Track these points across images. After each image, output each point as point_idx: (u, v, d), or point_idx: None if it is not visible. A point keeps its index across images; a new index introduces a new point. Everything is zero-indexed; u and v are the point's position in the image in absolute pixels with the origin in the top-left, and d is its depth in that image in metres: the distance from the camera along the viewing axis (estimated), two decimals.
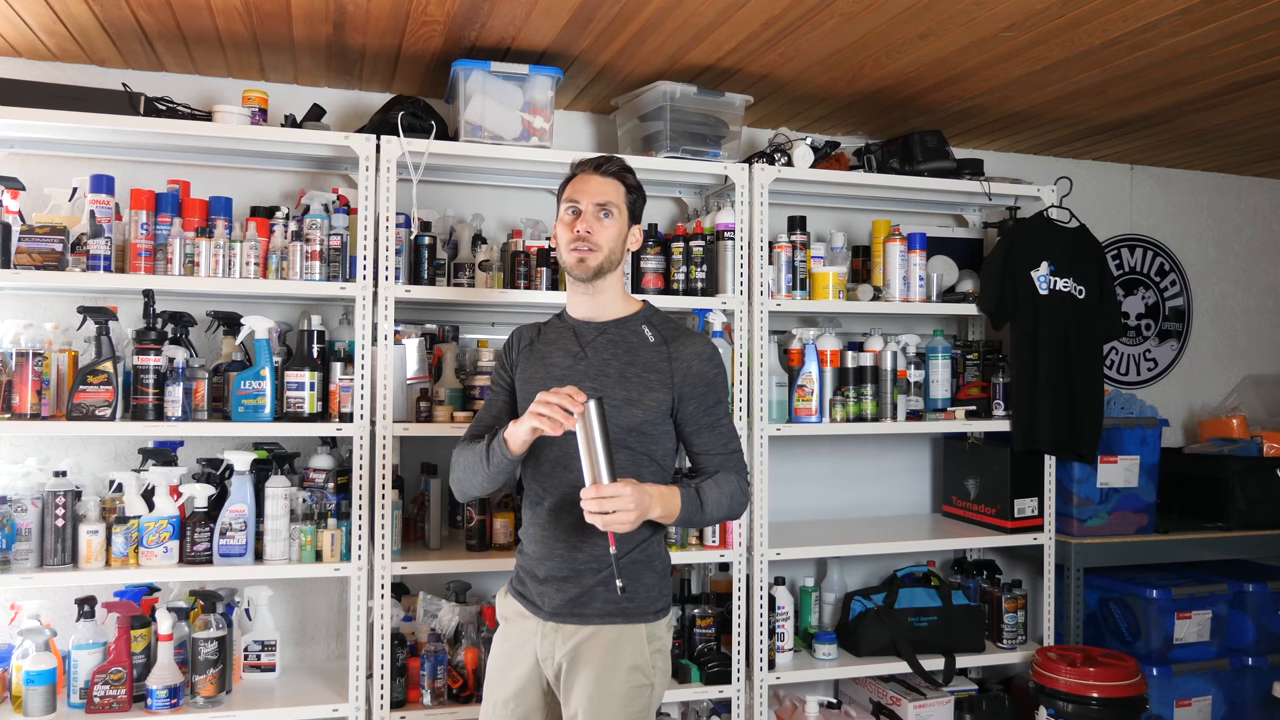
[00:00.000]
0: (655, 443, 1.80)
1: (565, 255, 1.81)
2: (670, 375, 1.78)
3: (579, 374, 1.80)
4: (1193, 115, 3.09)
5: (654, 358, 1.80)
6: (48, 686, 2.24)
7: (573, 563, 1.77)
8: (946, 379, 2.96)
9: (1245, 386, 3.89)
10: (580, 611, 1.76)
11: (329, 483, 2.47)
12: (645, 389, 1.78)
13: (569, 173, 1.88)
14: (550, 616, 1.77)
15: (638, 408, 1.77)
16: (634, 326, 1.85)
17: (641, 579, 1.78)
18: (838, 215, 3.29)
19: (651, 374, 1.79)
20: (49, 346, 2.28)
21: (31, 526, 2.22)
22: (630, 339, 1.83)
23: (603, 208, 1.80)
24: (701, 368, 1.80)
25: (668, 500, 1.71)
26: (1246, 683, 3.18)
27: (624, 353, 1.82)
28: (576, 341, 1.85)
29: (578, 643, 1.74)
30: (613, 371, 1.80)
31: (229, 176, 2.70)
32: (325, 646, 2.77)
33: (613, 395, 1.76)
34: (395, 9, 2.24)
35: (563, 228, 1.82)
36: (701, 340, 1.85)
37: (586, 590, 1.75)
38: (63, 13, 2.26)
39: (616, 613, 1.75)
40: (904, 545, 2.91)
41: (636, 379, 1.78)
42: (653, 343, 1.82)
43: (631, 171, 1.87)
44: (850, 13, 2.25)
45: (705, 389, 1.81)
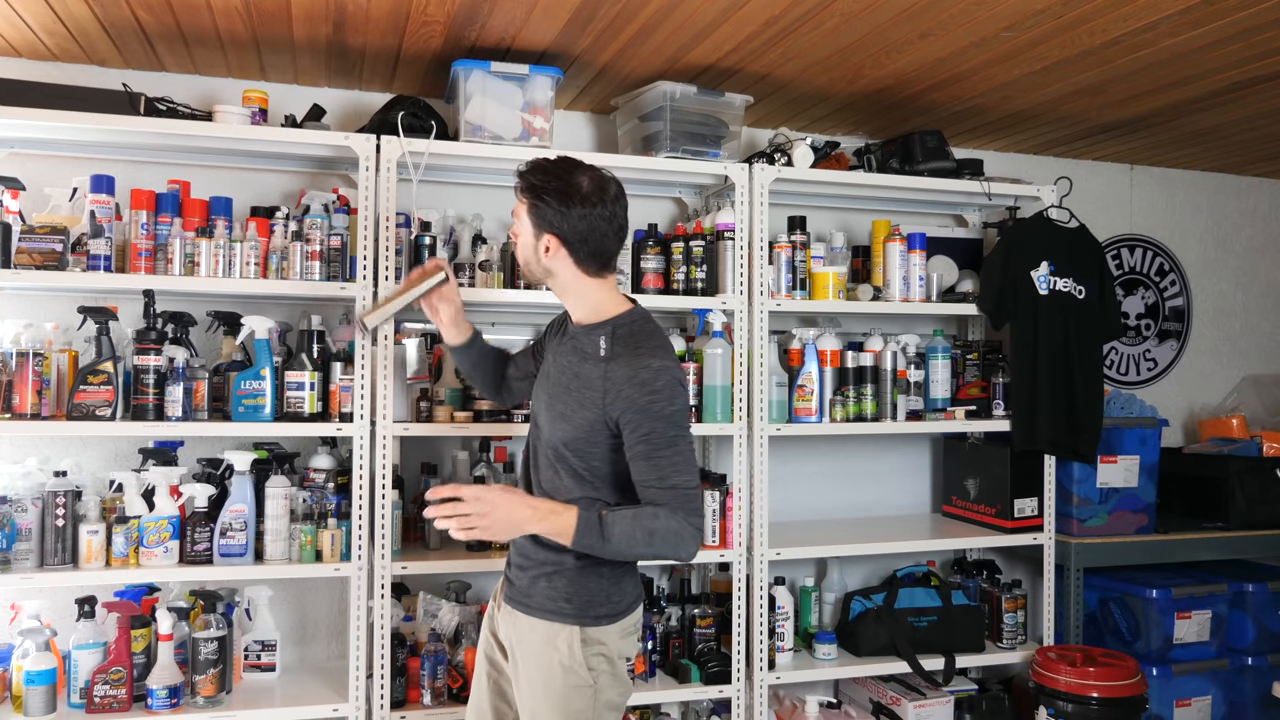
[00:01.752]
0: (596, 460, 1.72)
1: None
2: (602, 395, 1.67)
3: (547, 376, 1.83)
4: (1193, 115, 3.09)
5: (593, 374, 1.70)
6: (48, 686, 2.24)
7: (524, 550, 1.79)
8: (946, 379, 2.97)
9: (1245, 386, 3.89)
10: (524, 602, 1.78)
11: (329, 483, 2.47)
12: (579, 405, 1.70)
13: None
14: (505, 600, 1.84)
15: (567, 423, 1.71)
16: (595, 336, 1.75)
17: (585, 582, 1.74)
18: (838, 215, 3.29)
19: (587, 391, 1.70)
20: (49, 346, 2.28)
21: (32, 526, 2.22)
22: (586, 348, 1.75)
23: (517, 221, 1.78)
24: (632, 393, 1.65)
25: (553, 519, 1.63)
26: (1246, 683, 3.18)
27: (577, 362, 1.75)
28: (559, 341, 1.86)
29: (520, 632, 1.78)
30: (563, 381, 1.76)
31: (229, 176, 2.70)
32: (325, 646, 2.77)
33: (553, 404, 1.75)
34: (395, 9, 2.24)
35: None
36: (640, 363, 1.67)
37: (533, 581, 1.77)
38: (63, 13, 2.26)
39: (553, 610, 1.74)
40: (904, 545, 2.91)
41: (574, 393, 1.72)
42: (600, 357, 1.72)
43: (537, 174, 1.73)
44: (850, 13, 2.25)
45: (637, 416, 1.64)
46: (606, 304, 1.79)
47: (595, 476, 1.73)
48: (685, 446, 1.67)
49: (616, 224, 1.75)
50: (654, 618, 2.71)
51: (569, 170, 1.73)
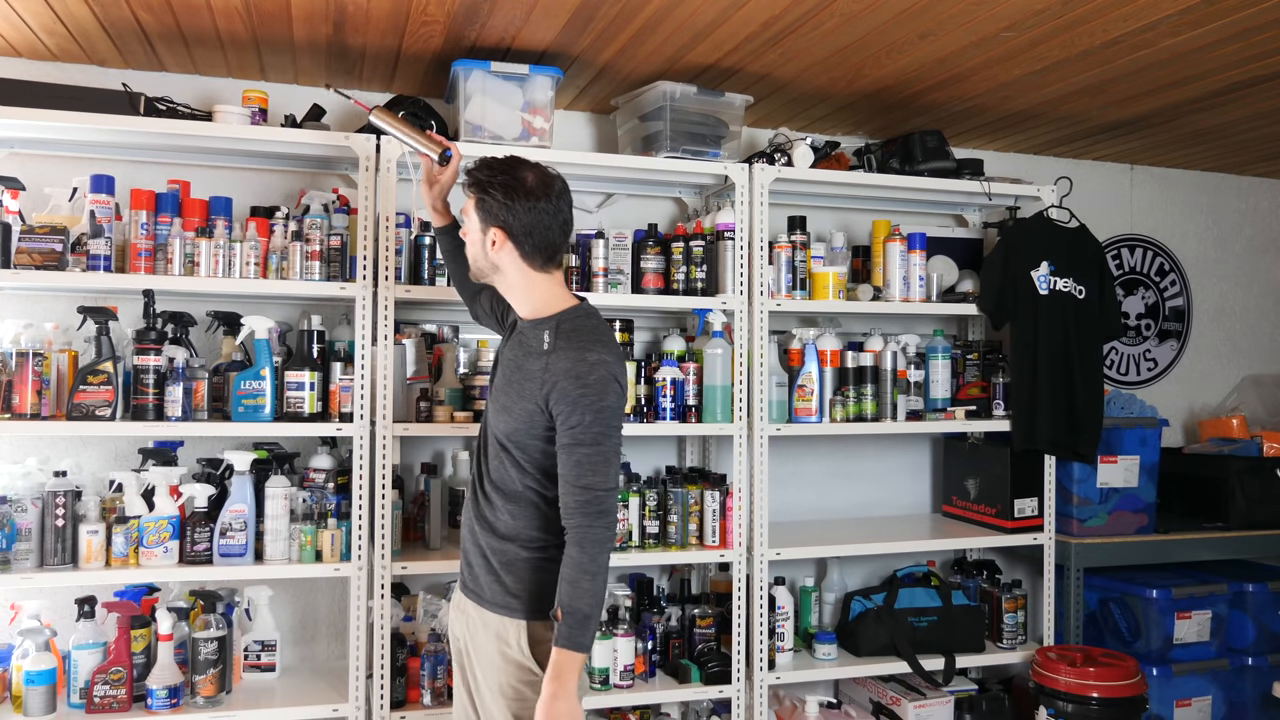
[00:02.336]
0: (536, 452, 1.75)
1: None
2: (540, 386, 1.71)
3: (498, 368, 1.88)
4: (1193, 115, 3.09)
5: (535, 367, 1.74)
6: (48, 686, 2.24)
7: (476, 538, 1.83)
8: (946, 379, 2.97)
9: (1245, 386, 3.89)
10: (477, 593, 1.82)
11: (329, 483, 2.47)
12: (520, 398, 1.75)
13: None
14: (460, 588, 1.88)
15: (510, 416, 1.76)
16: (539, 330, 1.79)
17: (535, 577, 1.76)
18: (838, 215, 3.29)
19: (528, 383, 1.74)
20: (49, 346, 2.28)
21: (31, 526, 2.22)
22: (531, 343, 1.80)
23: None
24: (566, 385, 1.68)
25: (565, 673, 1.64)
26: (1246, 683, 3.18)
27: (521, 356, 1.80)
28: (510, 333, 1.90)
29: (472, 626, 1.82)
30: (508, 374, 1.81)
31: (229, 176, 2.70)
32: (325, 646, 2.77)
33: (499, 398, 1.81)
34: (395, 9, 2.24)
35: None
36: (577, 355, 1.71)
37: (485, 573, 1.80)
38: (63, 13, 2.26)
39: (502, 605, 1.77)
40: (904, 545, 2.91)
41: (517, 386, 1.77)
42: (543, 350, 1.75)
43: (484, 170, 1.79)
44: (850, 13, 2.25)
45: (568, 407, 1.68)
46: (552, 299, 1.82)
47: (535, 468, 1.76)
48: (609, 445, 1.70)
49: (561, 218, 1.80)
50: (654, 618, 2.71)
51: (515, 166, 1.79)
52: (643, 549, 2.60)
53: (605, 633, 2.55)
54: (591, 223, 2.92)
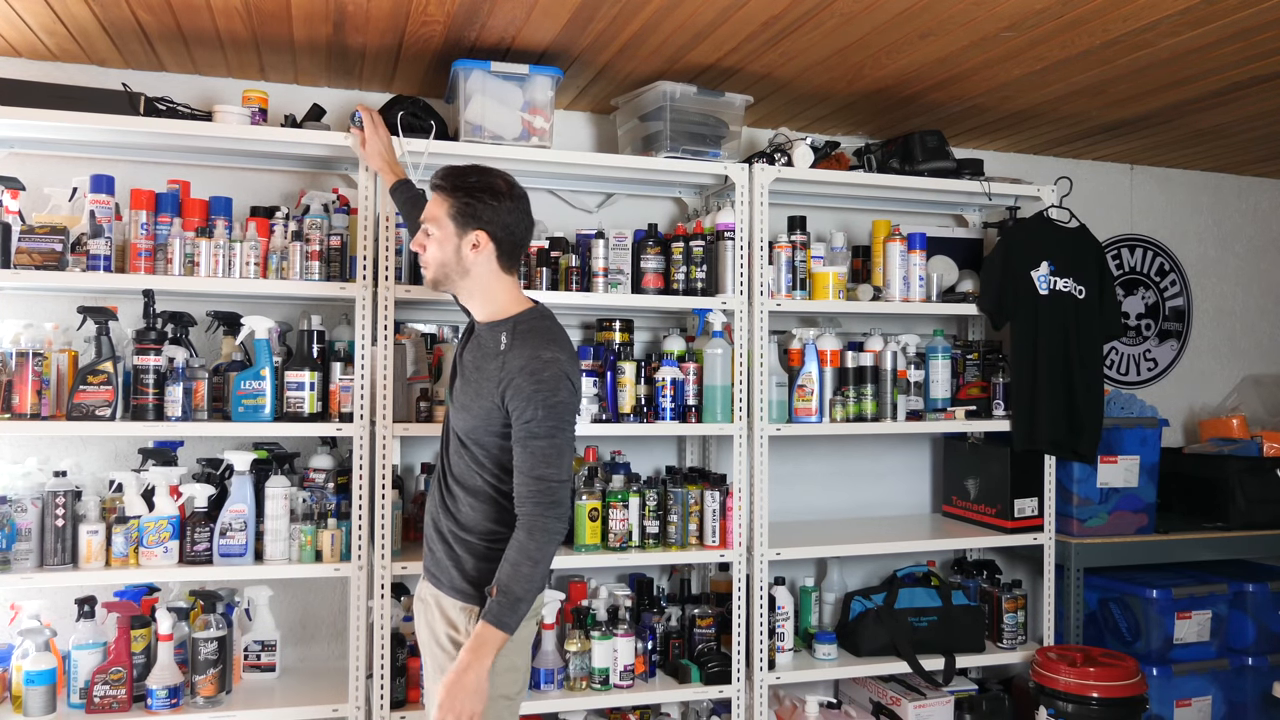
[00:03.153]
0: (493, 448, 1.83)
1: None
2: (497, 384, 1.78)
3: (455, 366, 1.94)
4: (1193, 115, 3.09)
5: (493, 366, 1.81)
6: (48, 686, 2.24)
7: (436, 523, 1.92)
8: (946, 379, 2.96)
9: (1245, 386, 3.89)
10: (437, 575, 1.90)
11: (329, 483, 2.47)
12: (478, 395, 1.82)
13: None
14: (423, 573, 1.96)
15: (468, 413, 1.83)
16: (497, 332, 1.86)
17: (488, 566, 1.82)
18: (838, 215, 3.29)
19: (486, 382, 1.81)
20: (49, 346, 2.28)
21: (31, 526, 2.22)
22: (489, 344, 1.86)
23: (424, 226, 1.85)
24: (521, 381, 1.75)
25: (484, 646, 1.72)
26: (1246, 683, 3.18)
27: (479, 357, 1.87)
28: (466, 339, 1.96)
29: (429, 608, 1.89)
30: (467, 372, 1.88)
31: (229, 176, 2.70)
32: (325, 646, 2.77)
33: (458, 397, 1.88)
34: (395, 9, 2.24)
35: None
36: (530, 353, 1.78)
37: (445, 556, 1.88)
38: (63, 13, 2.26)
39: (458, 589, 1.84)
40: (904, 545, 2.91)
41: (474, 385, 1.84)
42: (500, 350, 1.82)
43: (460, 177, 1.84)
44: (850, 13, 2.25)
45: (523, 403, 1.75)
46: (511, 302, 1.89)
47: (492, 463, 1.83)
48: (563, 439, 1.77)
49: (529, 219, 1.90)
50: (654, 618, 2.71)
51: (484, 172, 1.86)
52: (643, 549, 2.60)
53: (605, 633, 2.55)
54: (591, 223, 2.92)
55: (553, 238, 2.68)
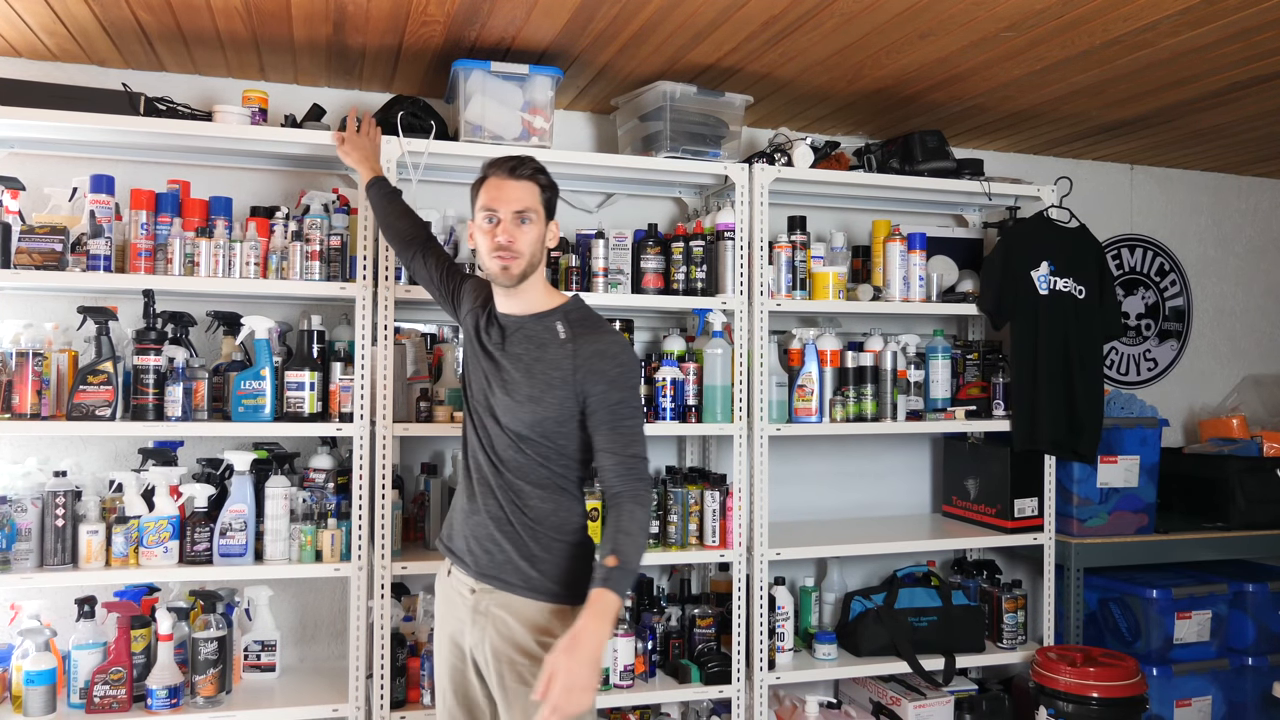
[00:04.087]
0: (564, 439, 1.81)
1: (488, 262, 1.82)
2: (572, 373, 1.77)
3: (497, 365, 1.85)
4: (1193, 115, 3.09)
5: (559, 355, 1.79)
6: (48, 686, 2.24)
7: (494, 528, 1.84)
8: (946, 379, 2.96)
9: (1245, 386, 3.89)
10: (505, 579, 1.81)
11: (329, 483, 2.47)
12: (548, 386, 1.78)
13: (481, 173, 1.86)
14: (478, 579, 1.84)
15: (540, 405, 1.78)
16: (549, 322, 1.84)
17: (570, 566, 1.81)
18: (838, 215, 3.29)
19: (554, 372, 1.78)
20: (49, 346, 2.28)
21: (31, 526, 2.22)
22: (542, 335, 1.83)
23: (521, 215, 1.80)
24: (602, 365, 1.77)
25: (606, 616, 1.62)
26: (1246, 683, 3.18)
27: (534, 349, 1.82)
28: (501, 334, 1.88)
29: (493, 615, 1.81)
30: (522, 366, 1.82)
31: (229, 176, 2.70)
32: (325, 646, 2.77)
33: (519, 391, 1.80)
34: (395, 9, 2.24)
35: (482, 235, 1.82)
36: (608, 337, 1.82)
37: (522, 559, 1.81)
38: (63, 13, 2.26)
39: (541, 590, 1.79)
40: (904, 545, 2.91)
41: (541, 376, 1.79)
42: (561, 340, 1.81)
43: (544, 171, 1.85)
44: (850, 13, 2.25)
45: (606, 386, 1.77)
46: (550, 293, 1.90)
47: (558, 453, 1.81)
48: (642, 418, 1.82)
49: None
50: (654, 618, 2.71)
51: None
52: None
53: None
54: (591, 223, 2.92)
55: None
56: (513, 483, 1.82)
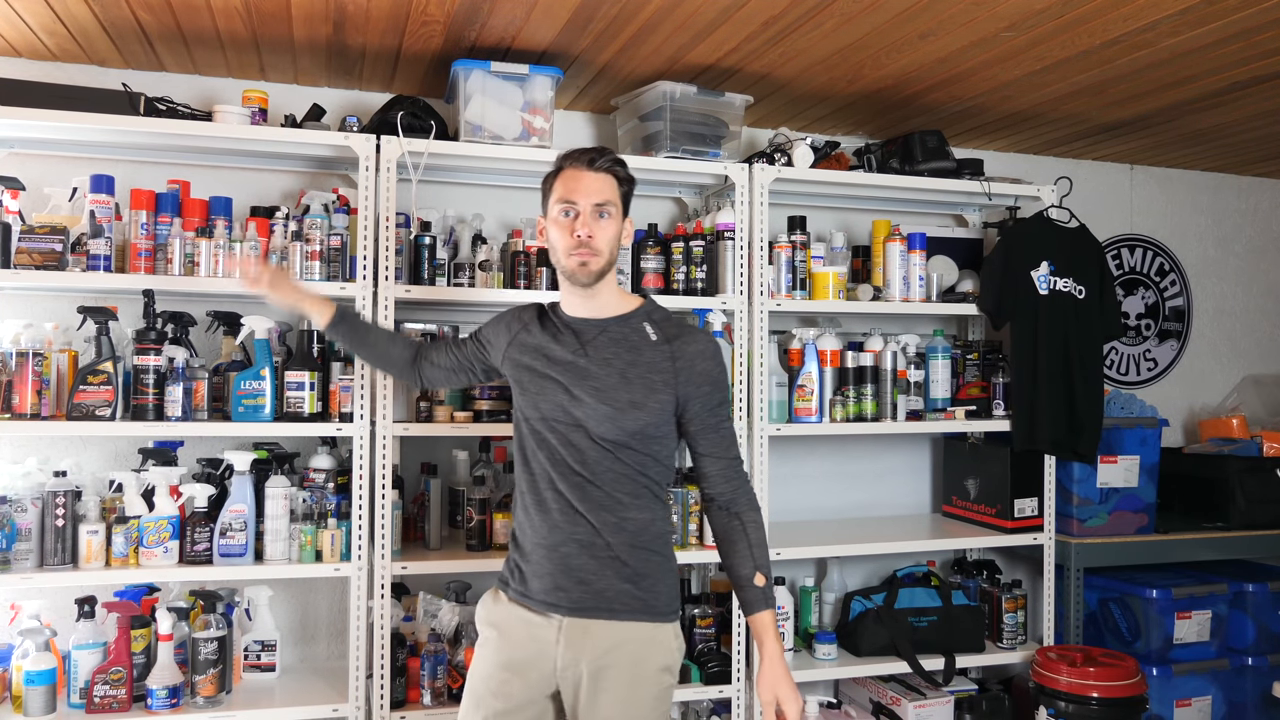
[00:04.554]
0: (659, 444, 1.74)
1: (565, 260, 1.72)
2: (674, 375, 1.71)
3: (579, 372, 1.72)
4: (1193, 115, 3.09)
5: (657, 357, 1.72)
6: (48, 686, 2.24)
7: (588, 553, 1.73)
8: (946, 379, 2.96)
9: (1245, 386, 3.89)
10: (609, 608, 1.69)
11: (329, 483, 2.47)
12: (649, 390, 1.70)
13: (556, 165, 1.76)
14: (572, 614, 1.69)
15: (643, 410, 1.69)
16: (635, 324, 1.76)
17: (669, 579, 1.76)
18: (838, 215, 3.29)
19: (655, 374, 1.71)
20: (49, 346, 2.28)
21: (31, 526, 2.22)
22: (631, 337, 1.75)
23: (601, 208, 1.70)
24: (706, 366, 1.73)
25: (776, 632, 1.72)
26: (1246, 683, 3.18)
27: (625, 352, 1.73)
28: (576, 340, 1.76)
29: (604, 644, 1.68)
30: (614, 371, 1.71)
31: (229, 176, 2.70)
32: (325, 646, 2.77)
33: (616, 397, 1.69)
34: (395, 9, 2.24)
35: (558, 230, 1.72)
36: (705, 337, 1.78)
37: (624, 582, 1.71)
38: (63, 13, 2.26)
39: (655, 611, 1.72)
40: (904, 545, 2.91)
41: (639, 380, 1.70)
42: (654, 341, 1.74)
43: (623, 163, 1.77)
44: (850, 13, 2.25)
45: (710, 389, 1.74)
46: (624, 294, 1.83)
47: (656, 461, 1.74)
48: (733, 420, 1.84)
49: None
50: None
51: None
52: None
53: None
54: None
55: None
56: (608, 498, 1.70)
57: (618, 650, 1.67)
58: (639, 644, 1.68)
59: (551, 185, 1.75)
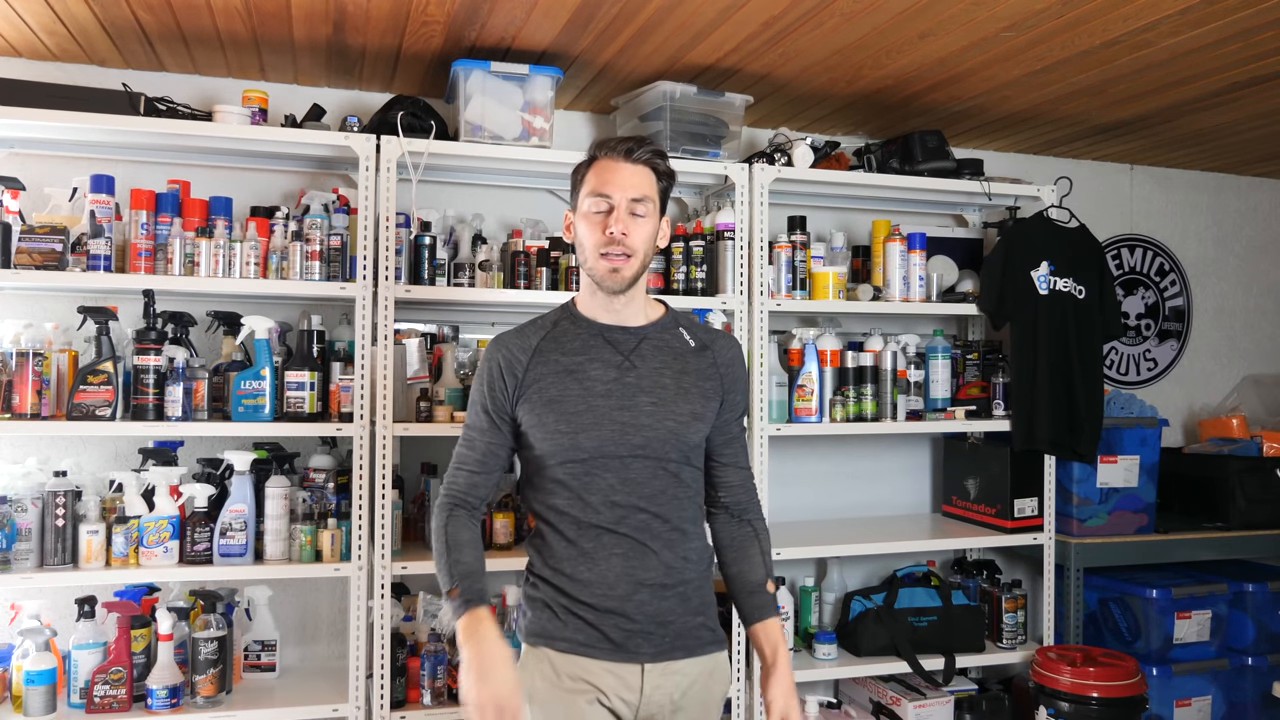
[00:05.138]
0: (696, 454, 1.64)
1: (593, 261, 1.54)
2: (720, 382, 1.62)
3: (629, 389, 1.55)
4: (1193, 115, 3.09)
5: (702, 364, 1.62)
6: (48, 686, 2.24)
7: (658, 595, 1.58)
8: (946, 379, 2.97)
9: (1245, 386, 3.89)
10: (685, 647, 1.58)
11: (329, 483, 2.47)
12: (704, 400, 1.59)
13: (590, 154, 1.60)
14: (652, 660, 1.55)
15: (703, 422, 1.59)
16: (673, 330, 1.64)
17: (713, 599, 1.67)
18: (838, 215, 3.29)
19: (706, 383, 1.60)
20: (49, 346, 2.28)
21: (31, 526, 2.22)
22: (673, 344, 1.62)
23: (638, 204, 1.54)
24: (740, 372, 1.66)
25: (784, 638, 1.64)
26: (1246, 683, 3.18)
27: (673, 360, 1.60)
28: (615, 350, 1.58)
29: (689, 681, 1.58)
30: (668, 383, 1.57)
31: (229, 176, 2.70)
32: (325, 646, 2.77)
33: (677, 410, 1.56)
34: (395, 9, 2.24)
35: (588, 226, 1.55)
36: (735, 341, 1.70)
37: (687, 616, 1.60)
38: (63, 13, 2.26)
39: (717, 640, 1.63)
40: (904, 545, 2.91)
41: (695, 390, 1.59)
42: (694, 348, 1.63)
43: (664, 156, 1.59)
44: (850, 13, 2.25)
45: (740, 394, 1.66)
46: (649, 299, 1.68)
47: (700, 471, 1.66)
48: None
49: None
50: None
51: None
52: None
53: None
54: None
55: (552, 238, 2.68)
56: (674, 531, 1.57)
57: (693, 686, 1.58)
58: (709, 676, 1.60)
59: (583, 176, 1.58)
